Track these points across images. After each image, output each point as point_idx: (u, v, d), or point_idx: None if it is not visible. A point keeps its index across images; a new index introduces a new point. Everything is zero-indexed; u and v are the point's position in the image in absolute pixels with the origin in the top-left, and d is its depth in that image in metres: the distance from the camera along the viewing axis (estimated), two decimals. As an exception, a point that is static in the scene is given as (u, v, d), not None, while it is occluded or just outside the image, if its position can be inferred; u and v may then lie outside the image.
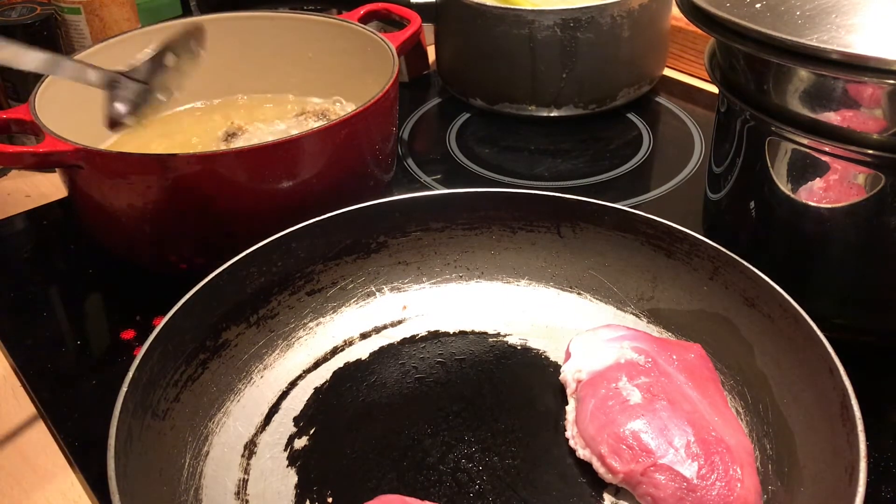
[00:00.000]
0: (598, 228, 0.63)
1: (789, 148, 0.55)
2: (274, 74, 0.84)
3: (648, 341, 0.56)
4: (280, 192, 0.63)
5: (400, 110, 0.77)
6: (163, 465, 0.49)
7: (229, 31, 0.82)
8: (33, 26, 0.83)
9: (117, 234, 0.67)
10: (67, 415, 0.58)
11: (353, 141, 0.66)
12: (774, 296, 0.53)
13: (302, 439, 0.54)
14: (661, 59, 0.97)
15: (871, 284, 0.57)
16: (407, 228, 0.65)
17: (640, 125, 0.92)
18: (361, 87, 0.77)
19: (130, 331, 0.65)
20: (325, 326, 0.62)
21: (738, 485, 0.47)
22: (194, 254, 0.66)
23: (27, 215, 0.81)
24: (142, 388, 0.49)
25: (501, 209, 0.65)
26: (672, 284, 0.60)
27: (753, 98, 0.57)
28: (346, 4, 0.89)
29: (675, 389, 0.52)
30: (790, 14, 0.51)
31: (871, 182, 0.52)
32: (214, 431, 0.54)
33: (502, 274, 0.66)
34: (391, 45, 0.74)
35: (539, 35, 0.85)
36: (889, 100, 0.49)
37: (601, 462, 0.50)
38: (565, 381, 0.56)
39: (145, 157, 0.63)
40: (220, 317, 0.57)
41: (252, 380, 0.58)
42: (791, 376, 0.52)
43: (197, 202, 0.62)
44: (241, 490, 0.51)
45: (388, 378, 0.59)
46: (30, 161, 0.61)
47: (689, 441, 0.48)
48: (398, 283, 0.65)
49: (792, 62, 0.49)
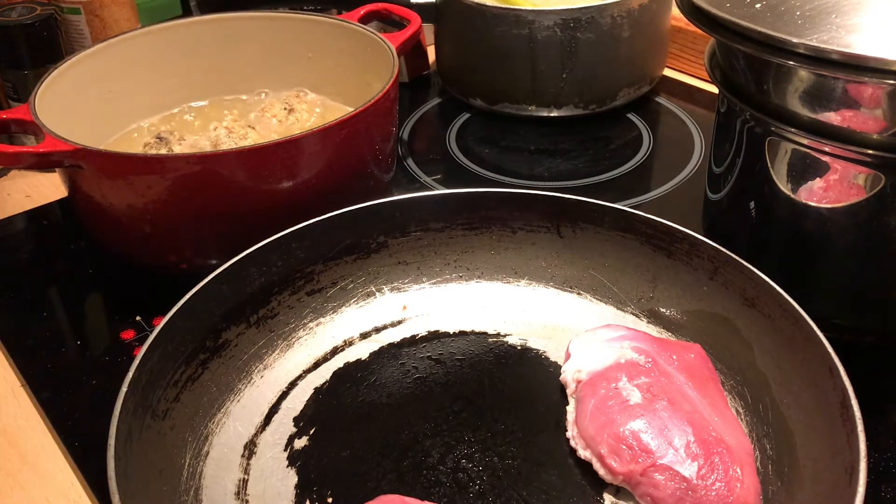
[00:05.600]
0: (598, 228, 0.63)
1: (789, 148, 0.55)
2: (274, 74, 0.84)
3: (648, 341, 0.56)
4: (280, 192, 0.63)
5: (400, 110, 0.77)
6: (163, 465, 0.49)
7: (229, 31, 0.82)
8: (33, 26, 0.83)
9: (117, 234, 0.67)
10: (67, 415, 0.58)
11: (353, 141, 0.66)
12: (774, 296, 0.53)
13: (302, 439, 0.54)
14: (661, 59, 0.97)
15: (871, 284, 0.57)
16: (407, 228, 0.65)
17: (640, 125, 0.92)
18: (361, 87, 0.77)
19: (130, 331, 0.65)
20: (325, 326, 0.62)
21: (738, 485, 0.47)
22: (194, 254, 0.66)
23: (27, 215, 0.81)
24: (142, 388, 0.49)
25: (501, 209, 0.65)
26: (672, 284, 0.60)
27: (753, 98, 0.57)
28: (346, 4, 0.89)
29: (675, 389, 0.52)
30: (790, 14, 0.51)
31: (871, 182, 0.52)
32: (214, 431, 0.54)
33: (502, 274, 0.66)
34: (391, 45, 0.74)
35: (539, 35, 0.85)
36: (889, 100, 0.49)
37: (601, 462, 0.50)
38: (565, 381, 0.56)
39: (145, 157, 0.63)
40: (220, 317, 0.57)
41: (252, 380, 0.58)
42: (791, 376, 0.52)
43: (197, 202, 0.62)
44: (241, 490, 0.51)
45: (388, 378, 0.59)
46: (30, 161, 0.61)
47: (689, 441, 0.48)
48: (398, 283, 0.65)
49: (792, 62, 0.49)
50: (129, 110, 0.80)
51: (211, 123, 0.79)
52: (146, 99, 0.80)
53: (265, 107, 0.81)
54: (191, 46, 0.81)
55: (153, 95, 0.81)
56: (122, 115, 0.79)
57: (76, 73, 0.73)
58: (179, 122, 0.81)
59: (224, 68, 0.83)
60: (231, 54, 0.82)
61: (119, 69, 0.77)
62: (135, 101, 0.79)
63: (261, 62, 0.83)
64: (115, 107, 0.78)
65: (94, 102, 0.76)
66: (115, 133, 0.79)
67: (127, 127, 0.80)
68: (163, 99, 0.82)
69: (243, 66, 0.83)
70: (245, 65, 0.83)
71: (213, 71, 0.83)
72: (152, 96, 0.81)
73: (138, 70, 0.79)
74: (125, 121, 0.80)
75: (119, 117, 0.79)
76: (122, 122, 0.79)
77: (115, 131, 0.79)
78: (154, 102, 0.81)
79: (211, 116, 0.82)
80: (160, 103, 0.82)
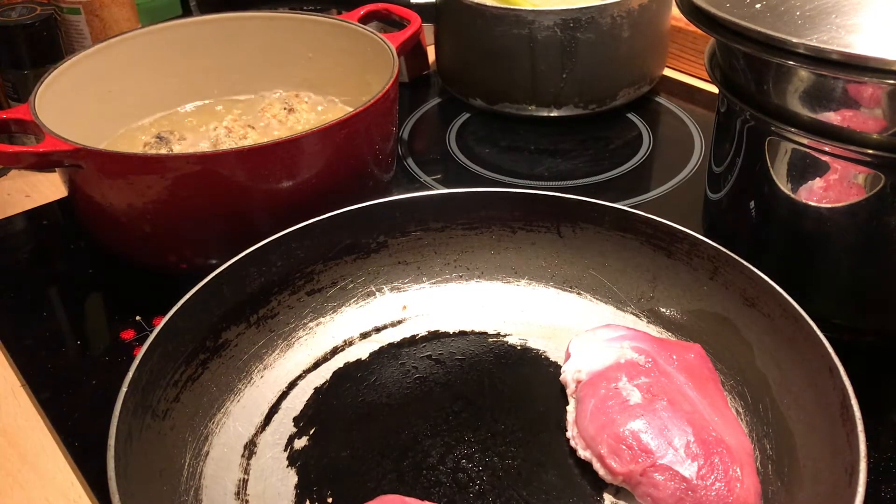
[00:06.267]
0: (598, 228, 0.63)
1: (789, 148, 0.55)
2: (274, 74, 0.84)
3: (648, 341, 0.56)
4: (280, 191, 0.63)
5: (400, 110, 0.77)
6: (163, 465, 0.49)
7: (229, 31, 0.82)
8: (33, 26, 0.83)
9: (117, 234, 0.67)
10: (67, 415, 0.58)
11: (353, 141, 0.66)
12: (774, 296, 0.53)
13: (302, 439, 0.54)
14: (661, 59, 0.97)
15: (871, 284, 0.56)
16: (407, 228, 0.65)
17: (640, 125, 0.92)
18: (361, 87, 0.77)
19: (130, 331, 0.65)
20: (325, 326, 0.62)
21: (738, 485, 0.47)
22: (194, 254, 0.66)
23: (27, 215, 0.81)
24: (142, 388, 0.49)
25: (501, 209, 0.65)
26: (672, 284, 0.60)
27: (753, 98, 0.57)
28: (346, 4, 0.89)
29: (675, 389, 0.52)
30: (790, 14, 0.51)
31: (871, 182, 0.52)
32: (214, 431, 0.54)
33: (502, 274, 0.66)
34: (391, 45, 0.74)
35: (539, 35, 0.85)
36: (889, 100, 0.49)
37: (601, 462, 0.50)
38: (565, 381, 0.56)
39: (145, 157, 0.63)
40: (220, 317, 0.57)
41: (252, 380, 0.58)
42: (791, 376, 0.52)
43: (197, 202, 0.62)
44: (241, 490, 0.51)
45: (388, 378, 0.59)
46: (30, 161, 0.61)
47: (689, 441, 0.48)
48: (398, 283, 0.65)
49: (792, 62, 0.49)
50: (129, 110, 0.80)
51: (211, 123, 0.79)
52: (146, 99, 0.80)
53: (265, 107, 0.81)
54: (191, 46, 0.81)
55: (153, 95, 0.81)
56: (122, 114, 0.79)
57: (76, 73, 0.73)
58: (179, 122, 0.81)
59: (224, 68, 0.83)
60: (231, 54, 0.82)
61: (119, 69, 0.77)
62: (135, 101, 0.79)
63: (261, 62, 0.83)
64: (115, 107, 0.78)
65: (93, 102, 0.76)
66: (115, 133, 0.79)
67: (127, 127, 0.80)
68: (163, 99, 0.82)
69: (243, 66, 0.83)
70: (245, 65, 0.83)
71: (213, 71, 0.83)
72: (152, 96, 0.81)
73: (138, 70, 0.79)
74: (125, 121, 0.80)
75: (119, 117, 0.79)
76: (122, 122, 0.79)
77: (115, 131, 0.79)
78: (154, 102, 0.81)
79: (211, 116, 0.82)
80: (160, 103, 0.82)
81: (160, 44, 0.80)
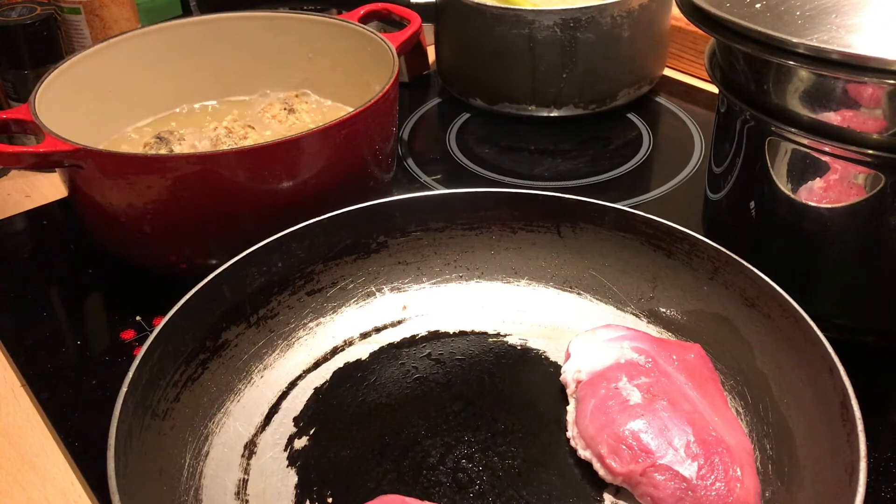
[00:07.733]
0: (598, 228, 0.63)
1: (789, 148, 0.55)
2: (274, 74, 0.84)
3: (648, 341, 0.56)
4: (280, 192, 0.63)
5: (400, 110, 0.77)
6: (163, 465, 0.49)
7: (229, 31, 0.82)
8: (33, 26, 0.83)
9: (117, 234, 0.67)
10: (67, 415, 0.58)
11: (352, 141, 0.66)
12: (774, 296, 0.53)
13: (302, 439, 0.54)
14: (661, 59, 0.97)
15: (871, 284, 0.57)
16: (407, 228, 0.65)
17: (640, 125, 0.92)
18: (361, 87, 0.77)
19: (130, 331, 0.65)
20: (325, 326, 0.62)
21: (738, 485, 0.47)
22: (194, 254, 0.66)
23: (27, 215, 0.81)
24: (142, 388, 0.49)
25: (501, 209, 0.65)
26: (672, 284, 0.60)
27: (753, 98, 0.57)
28: (346, 4, 0.89)
29: (675, 389, 0.52)
30: (790, 14, 0.51)
31: (871, 182, 0.52)
32: (214, 431, 0.54)
33: (502, 274, 0.66)
34: (391, 45, 0.74)
35: (539, 35, 0.85)
36: (889, 100, 0.49)
37: (601, 462, 0.50)
38: (565, 381, 0.56)
39: (145, 157, 0.63)
40: (220, 317, 0.57)
41: (252, 380, 0.58)
42: (791, 376, 0.52)
43: (197, 202, 0.62)
44: (241, 490, 0.51)
45: (387, 378, 0.59)
46: (30, 161, 0.61)
47: (689, 441, 0.48)
48: (398, 283, 0.65)
49: (792, 62, 0.49)
50: (129, 110, 0.80)
51: (211, 123, 0.79)
52: (146, 99, 0.80)
53: (265, 107, 0.81)
54: (191, 46, 0.81)
55: (153, 95, 0.81)
56: (122, 114, 0.79)
57: (76, 73, 0.73)
58: (179, 122, 0.81)
59: (224, 68, 0.83)
60: (231, 54, 0.82)
61: (119, 69, 0.77)
62: (135, 101, 0.79)
63: (261, 62, 0.83)
64: (115, 107, 0.78)
65: (93, 102, 0.76)
66: (115, 133, 0.79)
67: (127, 127, 0.80)
68: (163, 99, 0.82)
69: (243, 66, 0.83)
70: (245, 65, 0.83)
71: (212, 71, 0.83)
72: (152, 96, 0.81)
73: (138, 70, 0.79)
74: (125, 121, 0.80)
75: (119, 117, 0.79)
76: (122, 122, 0.79)
77: (115, 131, 0.79)
78: (154, 102, 0.81)
79: (211, 116, 0.82)
80: (160, 103, 0.82)
81: (160, 44, 0.80)
